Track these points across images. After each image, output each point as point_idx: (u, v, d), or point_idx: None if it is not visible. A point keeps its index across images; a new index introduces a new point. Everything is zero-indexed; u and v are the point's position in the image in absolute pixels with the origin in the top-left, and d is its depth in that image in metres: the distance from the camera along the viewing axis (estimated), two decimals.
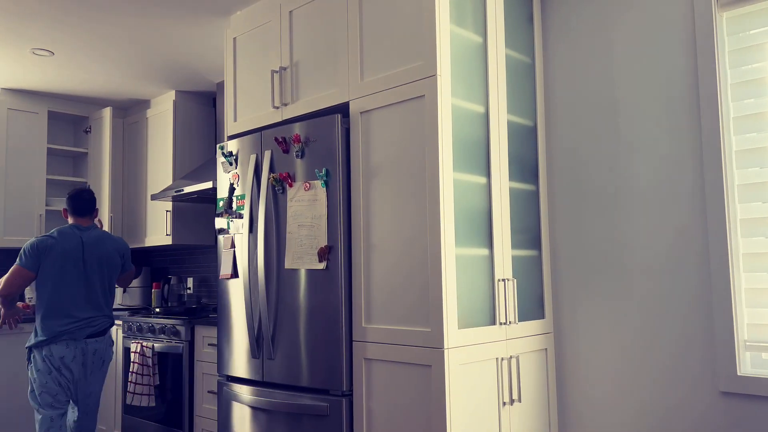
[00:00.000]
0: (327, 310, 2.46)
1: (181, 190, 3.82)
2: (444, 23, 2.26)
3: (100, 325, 3.16)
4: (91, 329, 3.12)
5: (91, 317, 3.12)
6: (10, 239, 4.27)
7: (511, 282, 2.44)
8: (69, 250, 3.11)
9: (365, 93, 2.45)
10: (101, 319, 3.17)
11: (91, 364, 3.13)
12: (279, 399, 2.59)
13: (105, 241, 3.25)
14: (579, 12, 2.64)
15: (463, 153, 2.32)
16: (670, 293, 2.33)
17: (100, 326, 3.16)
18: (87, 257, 3.15)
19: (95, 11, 3.20)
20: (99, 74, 4.14)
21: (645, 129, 2.43)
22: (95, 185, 4.69)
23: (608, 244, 2.50)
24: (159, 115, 4.44)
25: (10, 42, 3.57)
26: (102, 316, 3.18)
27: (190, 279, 4.46)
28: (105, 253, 3.22)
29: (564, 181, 2.65)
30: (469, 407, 2.21)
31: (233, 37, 3.09)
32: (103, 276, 3.21)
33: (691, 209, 2.29)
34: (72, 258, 3.11)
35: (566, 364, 2.61)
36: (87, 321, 3.11)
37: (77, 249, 3.14)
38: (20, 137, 4.39)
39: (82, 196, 3.25)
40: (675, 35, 2.36)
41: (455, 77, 2.32)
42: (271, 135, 2.72)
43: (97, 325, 3.14)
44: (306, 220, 2.54)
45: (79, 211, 3.24)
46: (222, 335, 2.91)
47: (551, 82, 2.72)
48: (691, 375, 2.27)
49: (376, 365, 2.33)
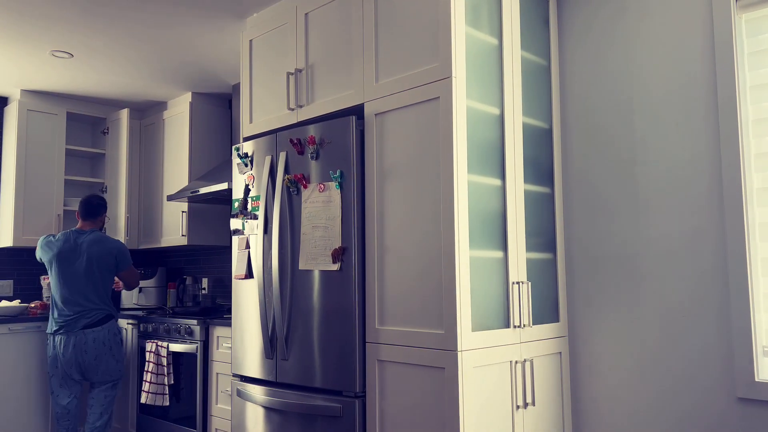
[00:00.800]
0: (340, 311, 2.46)
1: (197, 191, 3.84)
2: (459, 25, 2.26)
3: (95, 317, 3.51)
4: (86, 320, 3.49)
5: (84, 310, 3.49)
6: (28, 239, 4.33)
7: (525, 285, 2.43)
8: (64, 251, 3.52)
9: (380, 95, 2.45)
10: (95, 311, 3.51)
11: (94, 350, 3.47)
12: (292, 400, 2.60)
13: (99, 242, 3.58)
14: (596, 14, 2.63)
15: (477, 155, 2.32)
16: (687, 297, 2.31)
17: (95, 317, 3.51)
18: (80, 258, 3.52)
19: (113, 14, 3.23)
20: (117, 76, 4.18)
21: (662, 131, 2.41)
22: (112, 186, 4.75)
23: (624, 247, 2.48)
24: (175, 117, 4.48)
25: (30, 44, 3.62)
26: (96, 309, 3.52)
27: (205, 279, 4.49)
28: (97, 253, 3.55)
29: (579, 183, 2.64)
30: (482, 410, 2.20)
31: (249, 39, 3.12)
32: (95, 274, 3.53)
33: (708, 213, 2.27)
34: (67, 259, 3.51)
35: (581, 368, 2.60)
36: (81, 314, 3.48)
37: (72, 250, 3.53)
38: (39, 138, 4.45)
39: (90, 201, 3.65)
40: (693, 37, 2.34)
41: (470, 79, 2.31)
42: (286, 136, 2.74)
43: (92, 317, 3.50)
44: (320, 221, 2.55)
45: (83, 214, 3.64)
46: (236, 335, 2.92)
47: (567, 85, 2.71)
48: (707, 380, 2.24)
49: (390, 367, 2.33)
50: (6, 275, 4.51)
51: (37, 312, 4.13)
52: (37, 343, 4.04)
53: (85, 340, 3.46)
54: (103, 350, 3.50)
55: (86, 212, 3.63)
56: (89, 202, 3.64)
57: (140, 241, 4.67)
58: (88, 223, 3.64)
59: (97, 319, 3.51)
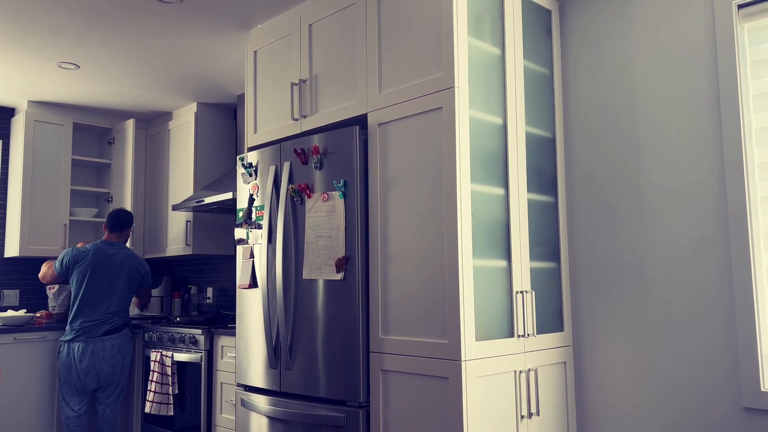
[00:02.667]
0: (344, 320, 2.46)
1: (202, 200, 3.86)
2: (462, 35, 2.28)
3: (115, 323, 3.70)
4: (107, 326, 3.67)
5: (106, 318, 3.68)
6: (35, 248, 4.35)
7: (529, 294, 2.43)
8: (99, 261, 3.73)
9: (383, 105, 2.46)
10: (116, 319, 3.71)
11: (111, 358, 3.65)
12: (296, 410, 2.60)
13: (133, 258, 3.84)
14: (598, 23, 2.64)
15: (480, 164, 2.32)
16: (692, 306, 2.30)
17: (114, 324, 3.70)
18: (111, 271, 3.73)
19: (119, 26, 3.26)
20: (122, 87, 4.22)
21: (666, 140, 2.41)
22: (118, 195, 4.77)
23: (628, 256, 2.48)
24: (181, 127, 4.51)
25: (38, 56, 3.65)
26: (117, 317, 3.72)
27: (210, 289, 4.50)
28: (130, 268, 3.80)
29: (583, 192, 2.64)
30: (486, 420, 2.20)
31: (254, 50, 3.14)
32: (123, 286, 3.76)
33: (713, 221, 2.27)
34: (100, 268, 3.71)
35: (585, 378, 2.59)
36: (103, 321, 3.66)
37: (105, 260, 3.74)
38: (46, 148, 4.48)
39: (118, 215, 3.88)
40: (696, 46, 2.35)
41: (473, 89, 2.32)
42: (290, 146, 2.75)
43: (112, 323, 3.70)
44: (324, 230, 2.56)
45: (111, 227, 3.87)
46: (240, 345, 2.93)
47: (570, 94, 2.71)
48: (713, 389, 2.23)
49: (393, 376, 2.33)
50: (12, 285, 4.53)
51: (42, 322, 4.14)
52: (43, 353, 4.05)
53: (103, 348, 3.63)
54: (118, 357, 3.70)
55: (114, 225, 3.86)
56: (117, 216, 3.87)
57: (145, 250, 4.69)
58: (115, 235, 3.87)
59: (116, 326, 3.72)
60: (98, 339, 3.62)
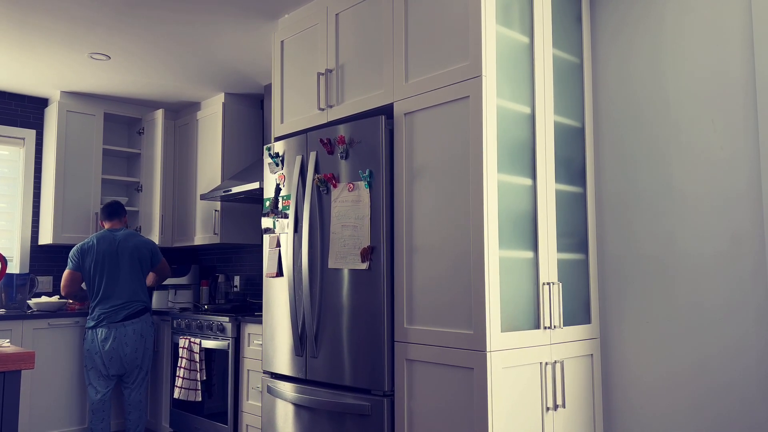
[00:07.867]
0: (369, 310, 2.47)
1: (229, 190, 3.90)
2: (490, 24, 2.25)
3: (134, 308, 3.79)
4: (127, 311, 3.76)
5: (125, 302, 3.77)
6: (67, 236, 4.45)
7: (556, 286, 2.40)
8: (106, 248, 3.81)
9: (409, 94, 2.45)
10: (135, 303, 3.80)
11: (133, 343, 3.74)
12: (321, 397, 2.62)
13: (133, 236, 3.92)
14: (629, 12, 2.59)
15: (508, 154, 2.30)
16: (723, 301, 2.25)
17: (134, 308, 3.79)
18: (120, 252, 3.82)
19: (149, 17, 3.30)
20: (152, 77, 4.27)
21: (698, 131, 2.35)
22: (147, 185, 4.84)
23: (658, 248, 2.44)
24: (209, 117, 4.55)
25: (70, 47, 3.72)
26: (136, 301, 3.81)
27: (237, 277, 4.55)
28: (134, 246, 3.87)
29: (612, 183, 2.60)
30: (511, 411, 2.19)
31: (281, 41, 3.15)
32: (135, 267, 3.85)
33: (746, 215, 2.21)
34: (109, 255, 3.80)
35: (612, 371, 2.56)
36: (123, 306, 3.75)
37: (111, 246, 3.82)
38: (78, 138, 4.57)
39: (111, 205, 3.98)
40: (731, 36, 2.28)
41: (501, 78, 2.30)
42: (316, 136, 2.76)
43: (132, 308, 3.78)
44: (349, 220, 2.56)
45: (108, 216, 3.96)
46: (267, 333, 2.96)
47: (600, 83, 2.66)
48: (745, 388, 2.19)
49: (418, 366, 2.33)
50: (46, 271, 4.65)
51: (75, 307, 4.24)
52: (76, 337, 4.15)
53: (125, 332, 3.72)
54: (140, 341, 3.78)
55: (111, 214, 3.96)
56: (111, 205, 3.98)
57: (174, 239, 4.76)
58: (115, 222, 3.96)
59: (136, 310, 3.79)
60: (119, 324, 3.72)
